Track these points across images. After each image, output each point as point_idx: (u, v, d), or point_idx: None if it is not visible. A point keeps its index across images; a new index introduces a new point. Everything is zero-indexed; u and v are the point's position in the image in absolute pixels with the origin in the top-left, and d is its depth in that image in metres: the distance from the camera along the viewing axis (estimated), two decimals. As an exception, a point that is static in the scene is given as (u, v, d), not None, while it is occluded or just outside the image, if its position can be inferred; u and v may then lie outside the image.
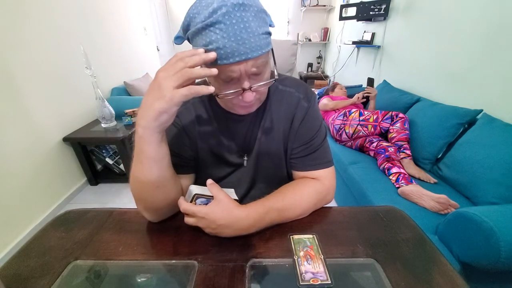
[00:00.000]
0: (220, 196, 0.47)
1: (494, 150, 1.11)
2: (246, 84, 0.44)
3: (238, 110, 0.53)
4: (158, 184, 0.48)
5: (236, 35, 0.39)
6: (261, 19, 0.42)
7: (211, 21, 0.38)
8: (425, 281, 0.40)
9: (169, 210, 0.54)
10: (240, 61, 0.41)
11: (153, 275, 0.45)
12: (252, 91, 0.46)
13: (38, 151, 1.55)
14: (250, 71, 0.43)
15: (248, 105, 0.50)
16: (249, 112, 0.54)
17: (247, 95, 0.45)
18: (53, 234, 0.51)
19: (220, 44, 0.39)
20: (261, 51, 0.42)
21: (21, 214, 1.44)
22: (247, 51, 0.40)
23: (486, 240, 0.75)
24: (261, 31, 0.41)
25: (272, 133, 0.60)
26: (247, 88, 0.45)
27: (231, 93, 0.45)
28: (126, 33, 2.65)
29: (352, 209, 0.59)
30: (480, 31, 1.40)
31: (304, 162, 0.60)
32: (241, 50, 0.40)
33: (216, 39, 0.39)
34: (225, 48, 0.39)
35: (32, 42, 1.51)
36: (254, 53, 0.41)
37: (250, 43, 0.40)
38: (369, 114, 1.64)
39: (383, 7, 2.30)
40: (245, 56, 0.40)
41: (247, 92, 0.45)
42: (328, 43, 4.20)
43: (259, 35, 0.41)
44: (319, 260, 0.43)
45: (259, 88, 0.47)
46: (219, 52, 0.40)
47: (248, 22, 0.39)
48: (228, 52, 0.39)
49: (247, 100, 0.46)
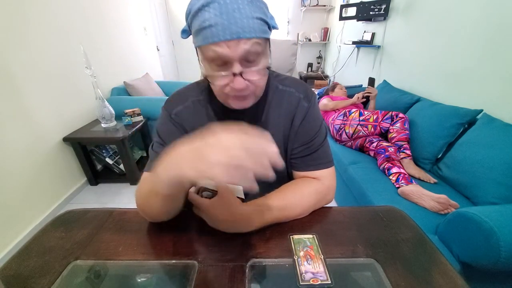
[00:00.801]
0: (223, 191, 0.47)
1: (494, 150, 1.11)
2: (236, 68, 0.43)
3: (231, 103, 0.51)
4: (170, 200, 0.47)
5: (228, 14, 0.40)
6: (257, 6, 0.42)
7: (207, 2, 0.40)
8: (425, 281, 0.40)
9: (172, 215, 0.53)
10: (230, 40, 0.41)
11: (153, 275, 0.45)
12: (244, 78, 0.44)
13: (38, 151, 1.55)
14: (240, 52, 0.42)
15: (241, 97, 0.48)
16: (243, 107, 0.52)
17: (238, 80, 0.44)
18: (53, 234, 0.51)
19: (213, 22, 0.40)
20: (254, 34, 0.41)
21: (21, 214, 1.44)
22: (239, 30, 0.40)
23: (486, 240, 0.75)
24: (255, 16, 0.42)
25: (272, 133, 0.59)
26: (237, 73, 0.43)
27: (221, 76, 0.44)
28: (126, 33, 2.65)
29: (352, 209, 0.59)
30: (480, 31, 1.40)
31: (304, 162, 0.60)
32: (233, 29, 0.40)
33: (209, 17, 0.40)
34: (217, 25, 0.40)
35: (32, 42, 1.51)
36: (246, 34, 0.41)
37: (242, 23, 0.40)
38: (369, 114, 1.64)
39: (383, 7, 2.30)
40: (236, 35, 0.40)
41: (237, 77, 0.44)
42: (328, 43, 4.20)
43: (253, 18, 0.41)
44: (319, 260, 0.43)
45: (251, 76, 0.45)
46: (211, 30, 0.40)
47: (242, 4, 0.40)
48: (219, 30, 0.40)
49: (237, 87, 0.45)
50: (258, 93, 0.52)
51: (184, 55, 4.63)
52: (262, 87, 0.52)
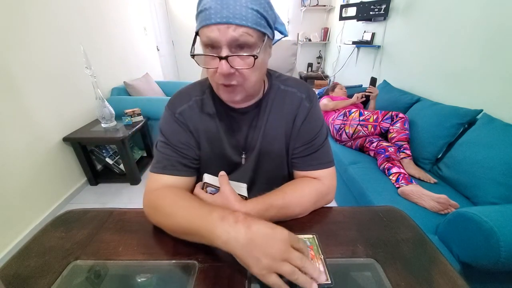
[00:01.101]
0: (223, 188, 0.48)
1: (494, 150, 1.11)
2: (224, 52, 0.44)
3: (222, 94, 0.52)
4: None
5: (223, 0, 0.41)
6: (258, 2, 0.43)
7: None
8: (425, 281, 0.40)
9: None
10: (220, 23, 0.42)
11: (153, 275, 0.45)
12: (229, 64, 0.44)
13: (38, 151, 1.55)
14: (229, 38, 0.42)
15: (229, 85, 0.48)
16: (232, 100, 0.52)
17: (223, 64, 0.44)
18: (53, 234, 0.51)
19: (207, 5, 0.42)
20: (245, 22, 0.42)
21: (21, 214, 1.44)
22: (230, 15, 0.41)
23: (486, 240, 0.75)
24: (251, 6, 0.42)
25: (274, 133, 0.60)
26: (223, 56, 0.44)
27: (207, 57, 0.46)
28: (126, 33, 2.65)
29: (352, 209, 0.59)
30: (480, 31, 1.40)
31: (305, 161, 0.60)
32: (224, 13, 0.41)
33: (207, 1, 0.43)
34: (210, 9, 0.42)
35: (32, 42, 1.51)
36: (237, 20, 0.42)
37: (234, 10, 0.41)
38: (369, 114, 1.64)
39: (383, 7, 2.30)
40: (226, 19, 0.41)
41: (223, 61, 0.44)
42: (328, 43, 4.20)
43: (247, 8, 0.42)
44: (319, 260, 0.43)
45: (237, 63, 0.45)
46: (205, 13, 0.42)
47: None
48: (212, 13, 0.42)
49: (220, 71, 0.44)
50: (248, 87, 0.50)
51: (184, 55, 4.63)
52: (253, 82, 0.50)
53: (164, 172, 0.55)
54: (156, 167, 0.56)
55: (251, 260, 0.36)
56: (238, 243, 0.37)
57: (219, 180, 0.51)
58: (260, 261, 0.35)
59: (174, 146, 0.56)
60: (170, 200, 0.48)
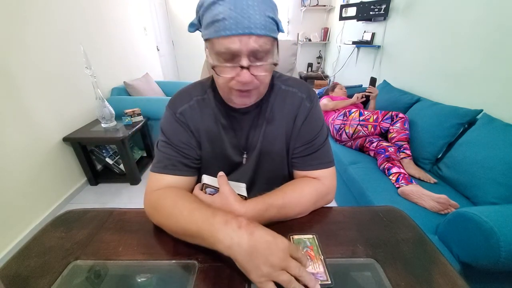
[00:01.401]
0: (223, 189, 0.48)
1: (494, 150, 1.11)
2: (244, 62, 0.44)
3: (235, 99, 0.51)
4: None
5: (242, 9, 0.40)
6: (268, 6, 0.43)
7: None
8: (425, 281, 0.40)
9: None
10: (242, 34, 0.41)
11: (153, 275, 0.45)
12: (250, 72, 0.45)
13: (38, 151, 1.55)
14: (250, 47, 0.43)
15: (246, 92, 0.49)
16: (245, 104, 0.53)
17: (244, 74, 0.44)
18: (53, 234, 0.51)
19: (226, 15, 0.40)
20: (265, 32, 0.42)
21: (21, 214, 1.44)
22: (251, 25, 0.41)
23: (486, 240, 0.75)
24: (267, 14, 0.42)
25: (274, 133, 0.60)
26: (245, 66, 0.44)
27: (228, 67, 0.45)
28: (126, 33, 2.65)
29: (352, 209, 0.59)
30: (480, 31, 1.40)
31: (305, 161, 0.60)
32: (245, 24, 0.41)
33: (223, 10, 0.41)
34: (230, 19, 0.40)
35: (32, 42, 1.51)
36: (258, 30, 0.42)
37: (255, 19, 0.41)
38: (369, 114, 1.64)
39: (383, 7, 2.30)
40: (248, 30, 0.41)
41: (244, 70, 0.44)
42: (328, 43, 4.20)
43: (265, 16, 0.42)
44: (319, 260, 0.43)
45: (258, 71, 0.46)
46: (224, 23, 0.41)
47: (256, 1, 0.41)
48: (232, 23, 0.41)
49: (242, 80, 0.45)
50: (262, 90, 0.52)
51: (184, 55, 4.63)
52: (266, 85, 0.53)
53: (165, 172, 0.55)
54: (157, 166, 0.55)
55: (251, 267, 0.36)
56: (241, 249, 0.37)
57: (218, 180, 0.51)
58: (260, 268, 0.35)
59: (175, 145, 0.56)
60: (171, 200, 0.48)
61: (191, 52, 4.52)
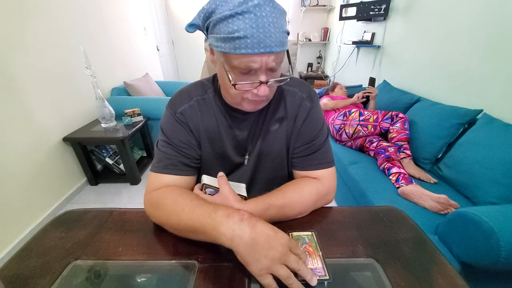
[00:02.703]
0: (223, 189, 0.48)
1: (494, 150, 1.11)
2: (263, 77, 0.45)
3: (246, 106, 0.52)
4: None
5: (264, 28, 0.40)
6: (284, 19, 0.44)
7: (242, 10, 0.39)
8: (425, 281, 0.40)
9: None
10: (264, 53, 0.42)
11: (153, 275, 0.45)
12: (267, 86, 0.47)
13: (38, 151, 1.55)
14: (270, 65, 0.44)
15: (259, 100, 0.51)
16: (256, 109, 0.54)
17: (263, 88, 0.46)
18: (53, 234, 0.51)
19: (248, 33, 0.40)
20: (283, 48, 0.43)
21: (21, 214, 1.44)
22: (272, 44, 0.41)
23: (486, 240, 0.75)
24: (284, 29, 0.43)
25: (274, 133, 0.60)
26: (264, 82, 0.45)
27: (248, 84, 0.46)
28: (126, 33, 2.65)
29: (352, 209, 0.59)
30: (480, 31, 1.40)
31: (305, 161, 0.60)
32: (267, 43, 0.41)
33: (244, 27, 0.40)
34: (252, 37, 0.40)
35: (32, 42, 1.51)
36: (278, 48, 0.42)
37: (276, 37, 0.41)
38: (369, 114, 1.64)
39: (383, 7, 2.30)
40: (269, 49, 0.41)
41: (263, 85, 0.46)
42: (328, 43, 4.20)
43: (283, 33, 0.43)
44: (317, 256, 0.44)
45: (274, 84, 0.48)
46: (245, 41, 0.41)
47: (276, 18, 0.41)
48: (255, 42, 0.41)
49: (262, 94, 0.47)
50: (271, 96, 0.55)
51: (184, 55, 4.63)
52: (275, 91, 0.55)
53: (165, 172, 0.55)
54: (156, 166, 0.56)
55: (251, 259, 0.37)
56: (242, 241, 0.37)
57: (218, 181, 0.51)
58: (260, 261, 0.36)
59: (175, 145, 0.56)
60: (172, 198, 0.48)
61: (191, 52, 4.52)
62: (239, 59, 0.43)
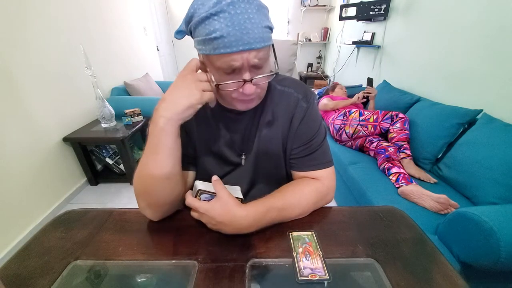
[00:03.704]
0: (221, 193, 0.48)
1: (494, 150, 1.11)
2: (247, 75, 0.45)
3: (237, 105, 0.52)
4: (169, 176, 0.48)
5: (240, 25, 0.40)
6: (263, 14, 0.43)
7: (216, 10, 0.39)
8: (425, 281, 0.40)
9: (172, 207, 0.54)
10: (243, 51, 0.41)
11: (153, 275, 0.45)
12: (253, 84, 0.46)
13: (38, 151, 1.55)
14: (252, 62, 0.44)
15: (248, 99, 0.50)
16: (248, 108, 0.54)
17: (248, 87, 0.46)
18: (53, 234, 0.51)
19: (224, 33, 0.40)
20: (264, 43, 0.43)
21: (21, 214, 1.44)
22: (251, 41, 0.41)
23: (486, 240, 0.75)
24: (263, 25, 0.42)
25: (270, 133, 0.60)
26: (248, 80, 0.45)
27: (232, 83, 0.46)
28: (126, 33, 2.65)
29: (352, 209, 0.59)
30: (480, 31, 1.40)
31: (303, 162, 0.60)
32: (245, 40, 0.41)
33: (220, 27, 0.40)
34: (229, 36, 0.40)
35: (32, 42, 1.51)
36: (258, 44, 0.42)
37: (254, 33, 0.41)
38: (369, 114, 1.64)
39: (383, 7, 2.30)
40: (248, 46, 0.41)
41: (247, 84, 0.46)
42: (328, 43, 4.20)
43: (262, 28, 0.42)
44: (317, 256, 0.44)
45: (260, 81, 0.48)
46: (223, 40, 0.40)
47: (252, 13, 0.41)
48: (232, 41, 0.40)
49: (247, 92, 0.46)
50: (262, 94, 0.55)
51: (184, 55, 4.63)
52: (266, 89, 0.55)
53: None
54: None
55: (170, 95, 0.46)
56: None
57: (213, 185, 0.49)
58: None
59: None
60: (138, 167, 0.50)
61: (191, 52, 4.51)
62: (220, 59, 0.43)
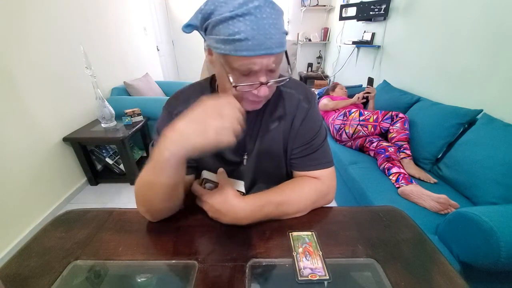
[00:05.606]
0: (223, 184, 0.49)
1: (494, 150, 1.11)
2: (263, 78, 0.45)
3: (245, 105, 0.52)
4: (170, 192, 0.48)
5: (265, 29, 0.40)
6: (282, 20, 0.44)
7: (242, 12, 0.39)
8: (425, 281, 0.40)
9: (172, 211, 0.54)
10: (264, 55, 0.42)
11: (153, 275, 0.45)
12: (267, 86, 0.47)
13: (38, 151, 1.55)
14: (270, 66, 0.44)
15: (259, 101, 0.51)
16: (255, 109, 0.54)
17: (263, 89, 0.46)
18: (53, 234, 0.51)
19: (249, 35, 0.40)
20: (282, 49, 0.44)
21: (21, 214, 1.44)
22: (273, 46, 0.42)
23: (486, 240, 0.75)
24: (283, 30, 0.43)
25: (272, 133, 0.60)
26: (264, 82, 0.46)
27: (249, 85, 0.46)
28: (126, 33, 2.65)
29: (352, 209, 0.59)
30: (480, 31, 1.40)
31: (304, 162, 0.60)
32: (268, 44, 0.41)
33: (245, 29, 0.40)
34: (253, 39, 0.40)
35: (32, 42, 1.51)
36: (278, 49, 0.43)
37: (276, 39, 0.42)
38: (369, 114, 1.64)
39: (383, 7, 2.30)
40: (270, 50, 0.42)
41: (263, 86, 0.46)
42: (328, 43, 4.20)
43: (282, 34, 0.43)
44: (317, 256, 0.44)
45: (274, 84, 0.49)
46: (246, 43, 0.40)
47: (276, 19, 0.41)
48: (255, 44, 0.40)
49: (262, 95, 0.47)
50: (270, 96, 0.55)
51: (184, 55, 4.63)
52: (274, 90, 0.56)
53: None
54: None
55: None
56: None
57: (217, 176, 0.52)
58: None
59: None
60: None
61: (191, 52, 4.52)
62: (240, 61, 0.43)
